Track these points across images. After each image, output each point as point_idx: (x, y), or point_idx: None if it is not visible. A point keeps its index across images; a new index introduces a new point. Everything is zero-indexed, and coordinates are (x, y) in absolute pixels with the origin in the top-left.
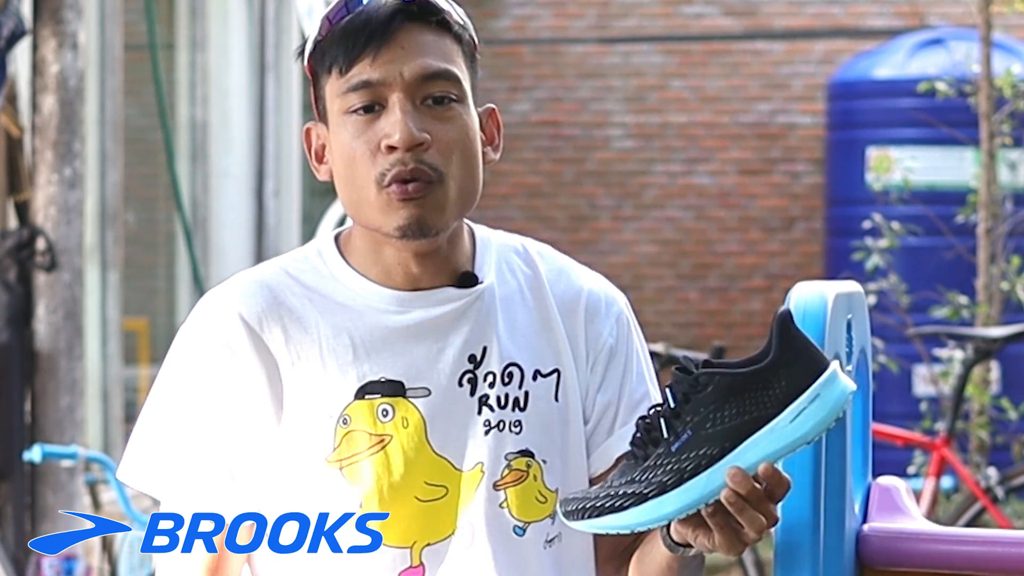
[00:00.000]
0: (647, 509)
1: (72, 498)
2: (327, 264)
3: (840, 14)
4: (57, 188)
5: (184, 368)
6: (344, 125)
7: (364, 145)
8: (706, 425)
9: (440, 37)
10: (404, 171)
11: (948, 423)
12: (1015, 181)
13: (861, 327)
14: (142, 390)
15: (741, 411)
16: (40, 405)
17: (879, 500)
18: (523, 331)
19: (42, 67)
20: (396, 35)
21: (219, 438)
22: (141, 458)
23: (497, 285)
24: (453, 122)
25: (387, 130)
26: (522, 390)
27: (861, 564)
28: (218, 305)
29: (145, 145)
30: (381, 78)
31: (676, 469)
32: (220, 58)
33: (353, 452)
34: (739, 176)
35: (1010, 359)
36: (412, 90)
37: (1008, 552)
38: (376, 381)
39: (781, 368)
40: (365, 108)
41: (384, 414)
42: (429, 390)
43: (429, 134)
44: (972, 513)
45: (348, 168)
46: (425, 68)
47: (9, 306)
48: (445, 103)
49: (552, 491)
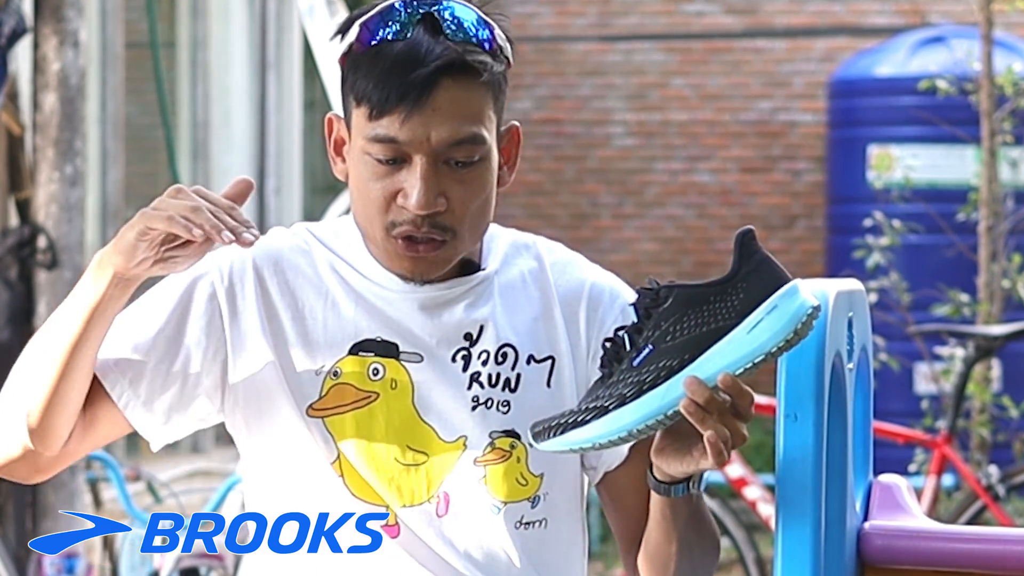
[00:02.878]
0: (608, 421)
1: (73, 496)
2: (341, 239)
3: (841, 12)
4: (58, 186)
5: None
6: (364, 162)
7: (380, 192)
8: (666, 338)
9: (476, 93)
10: (415, 231)
11: (949, 421)
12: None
13: (862, 325)
14: None
15: (700, 323)
16: None
17: (880, 498)
18: (521, 317)
19: (43, 65)
20: (432, 95)
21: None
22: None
23: (500, 273)
24: (472, 184)
25: (406, 188)
26: (514, 372)
27: (862, 562)
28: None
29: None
30: (408, 140)
31: (636, 382)
32: (221, 56)
33: (338, 403)
34: (740, 174)
35: (1011, 357)
36: (437, 155)
37: (1009, 550)
38: (372, 340)
39: (740, 281)
40: (387, 159)
41: (375, 373)
42: (421, 356)
43: (446, 198)
44: (973, 511)
45: (362, 201)
46: (454, 135)
47: (10, 304)
48: (467, 166)
49: (536, 476)
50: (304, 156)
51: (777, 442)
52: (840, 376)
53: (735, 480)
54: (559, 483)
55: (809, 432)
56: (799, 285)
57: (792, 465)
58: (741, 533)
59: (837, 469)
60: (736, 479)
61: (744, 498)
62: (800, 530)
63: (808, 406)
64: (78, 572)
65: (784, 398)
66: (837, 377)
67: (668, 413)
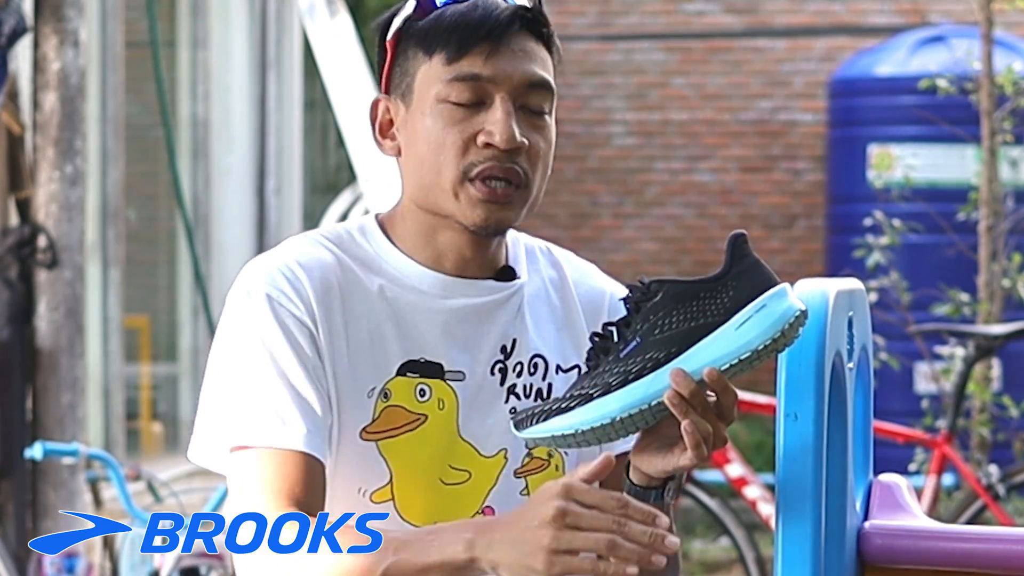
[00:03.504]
0: (591, 408)
1: (73, 495)
2: (371, 243)
3: (841, 11)
4: (58, 185)
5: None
6: (438, 112)
7: (458, 135)
8: (654, 331)
9: (544, 49)
10: (497, 168)
11: (949, 420)
12: (1016, 178)
13: (862, 324)
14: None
15: (688, 318)
16: (41, 402)
17: (880, 497)
18: (547, 328)
19: (43, 64)
20: (513, 38)
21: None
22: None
23: (527, 283)
24: (544, 133)
25: (489, 127)
26: (545, 382)
27: (862, 561)
28: (273, 257)
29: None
30: (492, 75)
31: (622, 371)
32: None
33: (391, 426)
34: (740, 173)
35: (1011, 356)
36: (517, 94)
37: (1009, 549)
38: (417, 360)
39: (731, 280)
40: (467, 101)
41: (421, 394)
42: (464, 374)
43: (527, 140)
44: (973, 510)
45: (432, 153)
46: (533, 75)
47: (10, 303)
48: (540, 115)
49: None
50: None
51: (777, 441)
52: (840, 375)
53: (735, 479)
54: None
55: (809, 431)
56: (788, 288)
57: (792, 464)
58: (741, 532)
59: (837, 468)
60: (736, 478)
61: (744, 497)
62: (800, 529)
63: (808, 405)
64: (78, 571)
65: (784, 397)
66: (837, 376)
67: (652, 404)
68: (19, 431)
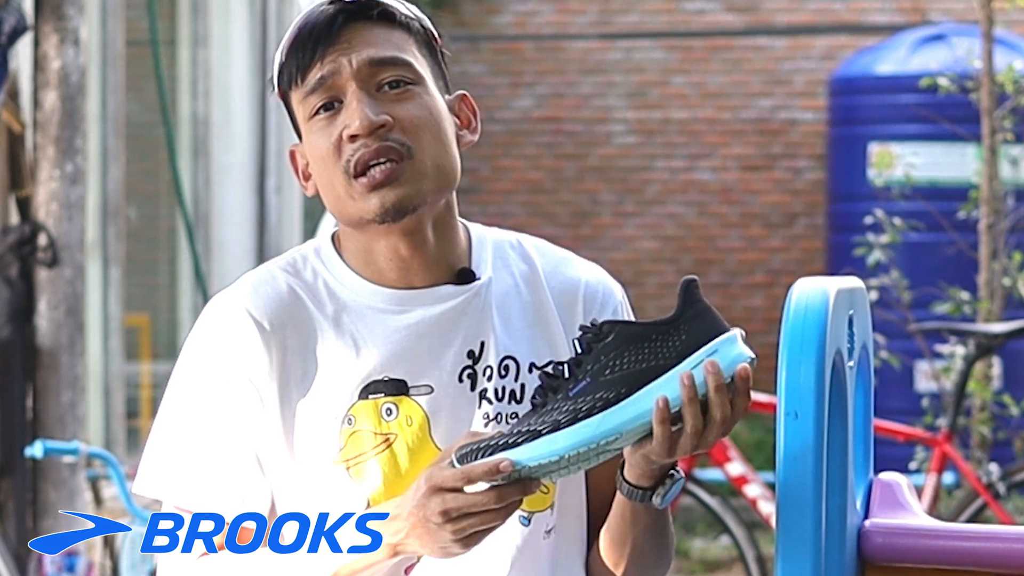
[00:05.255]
0: (539, 444)
1: (74, 494)
2: (326, 264)
3: (842, 10)
4: (59, 184)
5: (195, 373)
6: (311, 130)
7: (328, 140)
8: (605, 372)
9: (386, 30)
10: (368, 152)
11: (950, 419)
12: (1017, 177)
13: (863, 323)
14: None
15: (639, 359)
16: (42, 401)
17: (881, 496)
18: (518, 325)
19: (44, 63)
20: (340, 33)
21: (231, 442)
22: (156, 468)
23: (494, 281)
24: (412, 101)
25: (346, 120)
26: (518, 383)
27: (863, 560)
28: (227, 306)
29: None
30: (331, 72)
31: (571, 410)
32: (222, 54)
33: (359, 452)
34: (741, 172)
35: (1012, 355)
36: (364, 79)
37: (1010, 548)
38: (379, 380)
39: (683, 324)
40: (324, 107)
41: (388, 413)
42: (432, 387)
43: (389, 115)
44: (974, 509)
45: (322, 169)
46: (371, 56)
47: (11, 302)
48: (401, 86)
49: (553, 482)
50: None
51: (778, 440)
52: (841, 374)
53: (736, 478)
54: (571, 486)
55: (810, 430)
56: (738, 334)
57: (793, 463)
58: (742, 531)
59: (837, 467)
60: (737, 477)
61: (745, 496)
62: (801, 528)
63: (809, 404)
64: (79, 570)
65: (785, 396)
66: (838, 375)
67: (600, 443)
68: (19, 429)
